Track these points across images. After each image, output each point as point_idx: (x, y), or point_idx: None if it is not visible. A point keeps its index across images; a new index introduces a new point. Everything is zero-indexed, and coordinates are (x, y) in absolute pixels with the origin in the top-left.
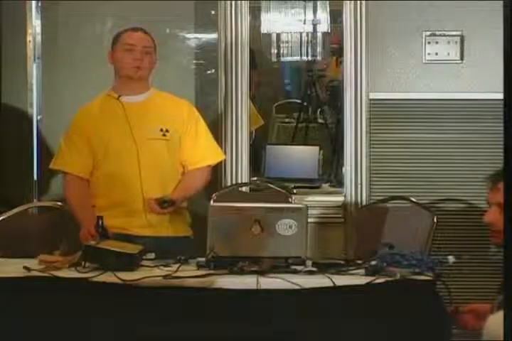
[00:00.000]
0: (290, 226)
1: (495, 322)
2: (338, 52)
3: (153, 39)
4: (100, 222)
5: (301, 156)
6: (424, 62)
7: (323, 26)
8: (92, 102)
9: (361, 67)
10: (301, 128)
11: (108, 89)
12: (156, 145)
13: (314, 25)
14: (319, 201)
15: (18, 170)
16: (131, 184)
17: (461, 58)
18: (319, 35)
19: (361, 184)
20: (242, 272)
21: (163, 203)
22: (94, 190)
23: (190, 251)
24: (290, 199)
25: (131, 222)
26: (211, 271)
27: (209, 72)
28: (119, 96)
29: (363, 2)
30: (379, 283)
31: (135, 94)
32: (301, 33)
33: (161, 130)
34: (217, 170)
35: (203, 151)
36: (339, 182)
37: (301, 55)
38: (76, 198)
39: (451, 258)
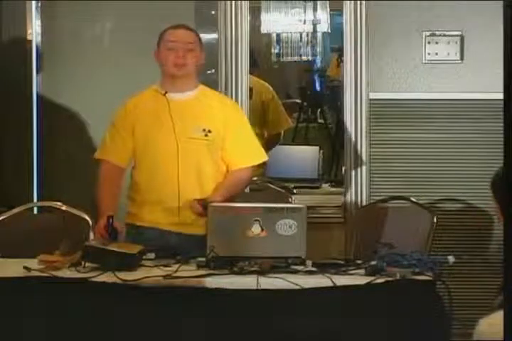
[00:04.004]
0: (290, 226)
1: (489, 323)
2: (338, 52)
3: (197, 35)
4: (111, 222)
5: (301, 156)
6: (424, 62)
7: (323, 26)
8: (139, 96)
9: (361, 67)
10: (301, 128)
11: (156, 84)
12: (197, 145)
13: (314, 25)
14: (319, 201)
15: (18, 170)
16: (169, 182)
17: (461, 58)
18: (319, 35)
19: (361, 184)
20: (242, 272)
21: (204, 203)
22: (134, 184)
23: None
24: (290, 199)
25: (166, 218)
26: (211, 271)
27: (209, 72)
28: (166, 92)
29: (363, 2)
30: (379, 283)
31: (181, 92)
32: (301, 33)
33: (204, 130)
34: None
35: (246, 151)
36: (339, 182)
37: (301, 55)
38: (106, 184)
39: (451, 258)
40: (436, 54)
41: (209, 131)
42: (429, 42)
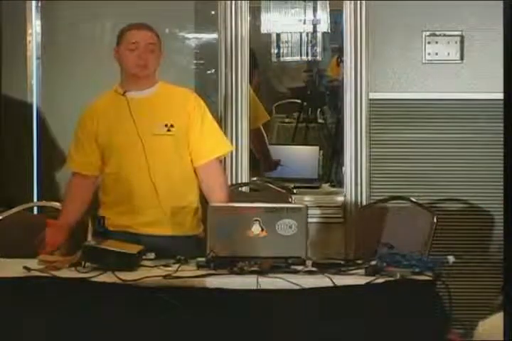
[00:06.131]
0: (290, 226)
1: (489, 324)
2: (338, 52)
3: (157, 35)
4: (102, 222)
5: (301, 156)
6: (424, 62)
7: (323, 26)
8: (98, 99)
9: (361, 67)
10: (301, 128)
11: (115, 84)
12: (162, 141)
13: (314, 25)
14: (319, 201)
15: (18, 170)
16: (139, 180)
17: (461, 58)
18: (319, 35)
19: (361, 184)
20: (242, 272)
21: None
22: (103, 187)
23: (197, 250)
24: (290, 199)
25: (137, 219)
26: (211, 271)
27: (209, 72)
28: (125, 92)
29: (363, 2)
30: (379, 283)
31: (141, 90)
32: (301, 33)
33: (166, 125)
34: None
35: (209, 143)
36: (339, 182)
37: (301, 55)
38: (69, 193)
39: (451, 258)
40: (436, 54)
41: (171, 126)
42: (429, 42)
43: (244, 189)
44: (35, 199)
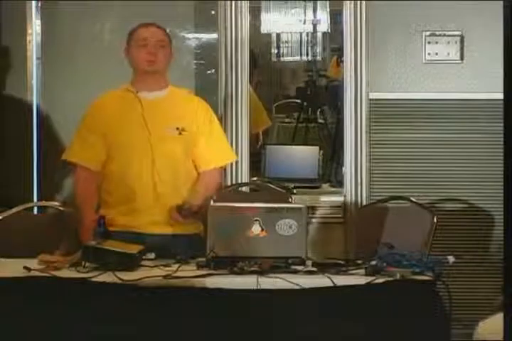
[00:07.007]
0: (290, 226)
1: (490, 324)
2: (338, 52)
3: (167, 33)
4: (102, 222)
5: (301, 156)
6: (424, 62)
7: (323, 26)
8: (107, 95)
9: (361, 67)
10: (301, 128)
11: (126, 83)
12: (172, 144)
13: (314, 25)
14: (319, 201)
15: (18, 170)
16: (146, 181)
17: (461, 58)
18: (319, 35)
19: (361, 184)
20: (242, 272)
21: (182, 210)
22: (106, 186)
23: (198, 248)
24: (290, 199)
25: (140, 219)
26: (211, 271)
27: (209, 72)
28: (137, 91)
29: (363, 2)
30: (379, 283)
31: (153, 91)
32: (301, 33)
33: (177, 128)
34: None
35: (213, 153)
36: (339, 182)
37: (301, 55)
38: (82, 193)
39: (451, 258)
40: (436, 54)
41: (183, 130)
42: (429, 42)
43: (244, 189)
44: (35, 199)
